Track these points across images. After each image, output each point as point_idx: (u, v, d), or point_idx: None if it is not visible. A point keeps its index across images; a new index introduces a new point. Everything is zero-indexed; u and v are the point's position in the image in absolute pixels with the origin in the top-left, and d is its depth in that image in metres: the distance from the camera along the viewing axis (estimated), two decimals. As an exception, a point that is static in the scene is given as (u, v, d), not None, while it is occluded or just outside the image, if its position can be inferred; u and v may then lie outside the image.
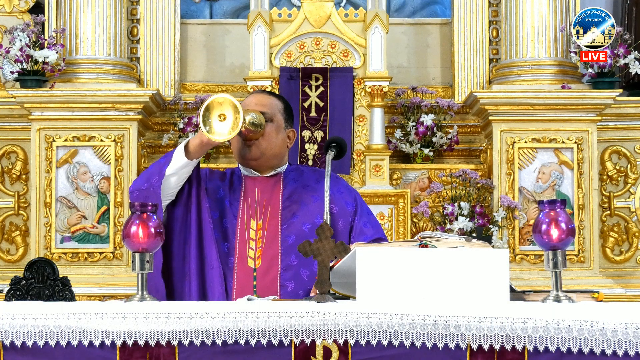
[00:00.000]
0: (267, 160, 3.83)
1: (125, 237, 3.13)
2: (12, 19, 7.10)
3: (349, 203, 3.86)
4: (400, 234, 6.56)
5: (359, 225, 3.84)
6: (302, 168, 4.03)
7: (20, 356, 2.76)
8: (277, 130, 3.82)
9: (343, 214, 3.83)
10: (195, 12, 7.68)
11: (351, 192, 3.94)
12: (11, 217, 6.94)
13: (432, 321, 2.74)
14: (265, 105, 3.82)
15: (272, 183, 3.86)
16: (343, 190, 3.90)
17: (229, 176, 3.91)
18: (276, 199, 3.82)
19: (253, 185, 3.84)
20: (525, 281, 6.46)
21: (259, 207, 3.80)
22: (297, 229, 3.75)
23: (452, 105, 7.00)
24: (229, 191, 3.85)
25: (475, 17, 7.20)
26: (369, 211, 3.94)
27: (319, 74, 6.75)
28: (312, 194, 3.83)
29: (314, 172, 3.98)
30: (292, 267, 3.71)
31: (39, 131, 6.65)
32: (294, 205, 3.80)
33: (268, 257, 3.72)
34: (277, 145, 3.84)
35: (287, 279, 3.68)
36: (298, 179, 3.88)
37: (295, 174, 3.91)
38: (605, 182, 7.00)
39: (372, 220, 3.91)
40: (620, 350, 2.68)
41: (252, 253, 3.72)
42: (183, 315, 2.76)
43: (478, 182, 6.67)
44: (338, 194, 3.86)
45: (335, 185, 3.88)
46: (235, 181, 3.89)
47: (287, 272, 3.69)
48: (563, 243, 3.03)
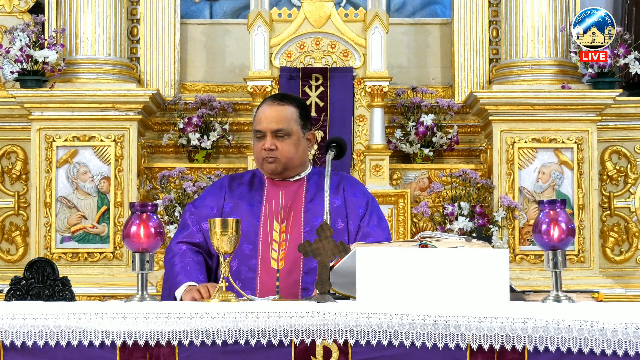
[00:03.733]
0: (289, 172, 3.86)
1: (125, 237, 3.13)
2: (12, 19, 7.10)
3: (360, 207, 3.88)
4: (400, 234, 6.56)
5: (366, 229, 3.86)
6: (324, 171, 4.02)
7: (20, 356, 2.76)
8: (297, 143, 3.82)
9: (353, 217, 3.85)
10: (195, 12, 7.68)
11: (366, 195, 3.95)
12: (11, 217, 6.94)
13: (432, 321, 2.74)
14: (280, 120, 3.79)
15: (295, 187, 3.87)
16: (358, 193, 3.92)
17: (248, 179, 3.92)
18: (299, 202, 3.83)
19: (277, 189, 3.86)
20: (525, 281, 6.46)
21: (282, 209, 3.81)
22: None
23: (452, 105, 7.00)
24: (248, 193, 3.86)
25: (475, 17, 7.20)
26: (378, 215, 3.94)
27: (319, 74, 6.75)
28: (333, 197, 3.84)
29: (336, 175, 3.98)
30: (313, 270, 3.70)
31: (39, 131, 6.65)
32: (316, 208, 3.81)
33: (291, 260, 3.73)
34: (299, 157, 3.85)
35: (308, 282, 3.68)
36: (321, 183, 3.88)
37: (317, 177, 3.92)
38: (605, 182, 7.00)
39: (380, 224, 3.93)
40: (620, 350, 2.68)
41: (275, 255, 3.74)
42: (183, 315, 2.76)
43: (478, 182, 6.67)
44: (353, 196, 3.88)
45: (352, 187, 3.92)
46: (257, 183, 3.90)
47: (309, 275, 3.70)
48: (563, 243, 3.04)
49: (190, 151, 6.95)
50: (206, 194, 3.92)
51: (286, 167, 3.82)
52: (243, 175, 3.98)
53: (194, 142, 6.88)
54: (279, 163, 3.79)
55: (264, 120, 3.79)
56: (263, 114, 3.81)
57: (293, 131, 3.80)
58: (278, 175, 3.84)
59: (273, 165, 3.79)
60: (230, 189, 3.88)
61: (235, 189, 3.88)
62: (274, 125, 3.77)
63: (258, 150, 3.81)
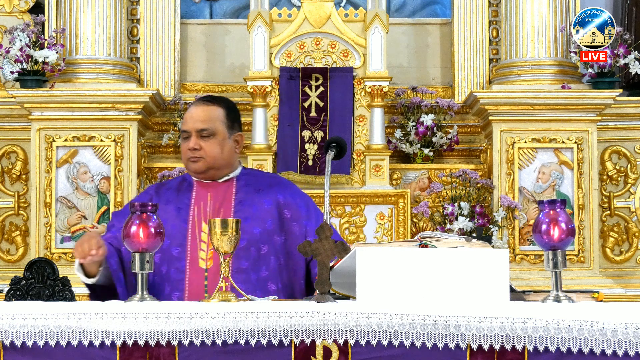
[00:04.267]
0: (215, 172, 3.84)
1: (125, 237, 3.13)
2: (12, 19, 7.10)
3: (302, 207, 3.88)
4: (400, 234, 6.56)
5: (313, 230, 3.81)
6: (257, 172, 4.06)
7: (20, 356, 2.76)
8: (222, 143, 3.81)
9: (297, 218, 3.85)
10: (195, 12, 7.68)
11: (303, 196, 3.95)
12: (11, 217, 6.94)
13: (432, 321, 2.74)
14: (204, 120, 3.79)
15: (224, 188, 3.86)
16: (295, 195, 3.92)
17: (177, 184, 3.91)
18: (228, 203, 3.83)
19: (205, 191, 3.85)
20: (525, 281, 6.46)
21: (211, 211, 3.80)
22: (249, 232, 3.73)
23: (452, 105, 7.00)
24: (176, 197, 3.85)
25: (475, 17, 7.20)
26: (321, 214, 3.94)
27: (319, 74, 6.75)
28: (264, 198, 3.84)
29: (268, 177, 4.01)
30: (242, 271, 3.71)
31: (39, 131, 6.65)
32: (246, 209, 3.80)
33: (218, 260, 3.67)
34: (224, 158, 3.83)
35: (238, 282, 3.62)
36: (251, 184, 3.88)
37: (248, 178, 3.91)
38: (605, 182, 7.00)
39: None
40: (620, 350, 2.68)
41: (204, 254, 3.73)
42: (183, 315, 2.76)
43: (478, 182, 6.68)
44: (290, 199, 3.88)
45: (287, 190, 3.91)
46: (185, 187, 3.89)
47: (238, 275, 3.68)
48: (563, 243, 3.04)
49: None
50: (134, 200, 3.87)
51: (210, 166, 3.81)
52: (171, 181, 3.98)
53: (194, 142, 6.87)
54: (202, 162, 3.78)
55: (190, 120, 3.80)
56: (189, 114, 3.83)
57: (218, 131, 3.79)
58: (203, 174, 3.83)
59: (197, 164, 3.79)
60: (157, 195, 3.87)
61: (162, 195, 3.87)
62: (199, 124, 3.77)
63: (184, 151, 3.81)
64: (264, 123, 6.67)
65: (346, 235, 6.57)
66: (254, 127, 6.67)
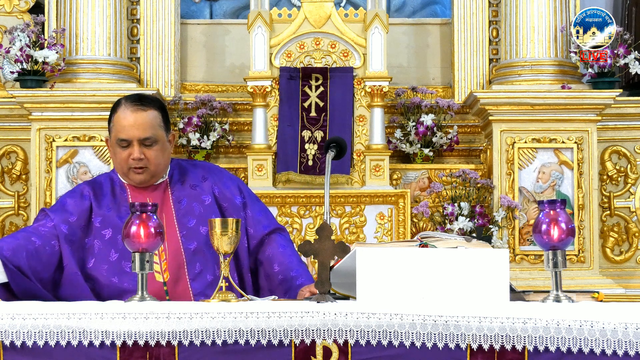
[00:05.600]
0: (155, 179, 3.71)
1: (125, 237, 3.13)
2: (12, 19, 7.10)
3: (236, 196, 3.76)
4: (400, 234, 6.56)
5: (252, 215, 3.73)
6: (184, 165, 3.85)
7: (20, 356, 2.76)
8: (163, 149, 3.66)
9: (233, 209, 3.73)
10: (195, 12, 7.68)
11: (234, 181, 3.81)
12: (11, 217, 6.94)
13: (432, 321, 2.74)
14: (146, 127, 3.60)
15: (160, 191, 3.72)
16: (228, 184, 3.78)
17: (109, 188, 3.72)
18: (168, 206, 3.69)
19: (141, 195, 3.69)
20: (525, 281, 6.46)
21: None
22: (196, 233, 3.65)
23: (452, 105, 7.00)
24: (113, 204, 3.67)
25: (475, 17, 7.20)
26: (256, 198, 3.82)
27: (319, 74, 6.75)
28: (202, 195, 3.73)
29: (196, 169, 3.82)
30: (199, 276, 3.62)
31: (39, 131, 6.65)
32: (186, 209, 3.69)
33: (174, 268, 3.61)
34: (165, 163, 3.70)
35: (198, 288, 3.59)
36: (183, 180, 3.75)
37: (178, 174, 3.77)
38: (605, 182, 7.00)
39: (264, 208, 3.81)
40: (620, 350, 2.68)
41: (158, 267, 3.59)
42: (183, 315, 2.76)
43: (478, 182, 6.68)
44: (224, 189, 3.75)
45: (219, 181, 3.77)
46: (118, 191, 3.71)
47: (196, 282, 3.61)
48: (563, 243, 3.03)
49: (190, 151, 6.95)
50: (66, 198, 3.70)
51: (154, 175, 3.67)
52: (101, 182, 3.75)
53: (194, 142, 6.88)
54: (147, 173, 3.64)
55: (129, 127, 3.59)
56: (126, 120, 3.61)
57: (159, 137, 3.63)
58: (145, 184, 3.68)
59: (142, 175, 3.64)
60: (96, 199, 3.68)
61: (101, 200, 3.68)
62: (141, 133, 3.59)
63: (123, 159, 3.62)
64: (264, 123, 6.67)
65: (346, 235, 6.57)
66: (254, 127, 6.67)
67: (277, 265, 3.73)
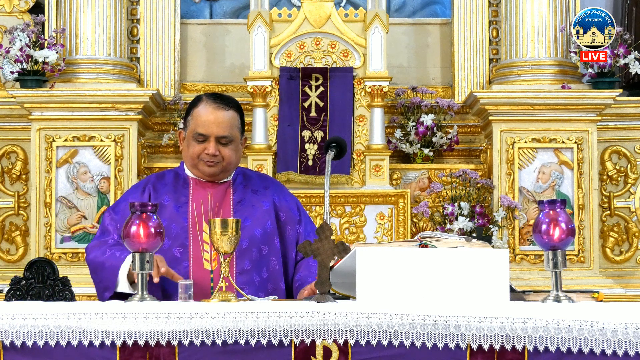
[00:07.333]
0: (224, 175, 3.85)
1: (125, 237, 3.13)
2: (12, 19, 7.10)
3: (294, 210, 3.90)
4: (400, 234, 6.56)
5: (305, 234, 3.86)
6: (249, 172, 4.02)
7: (20, 356, 2.76)
8: (237, 149, 3.81)
9: (290, 222, 3.86)
10: (195, 12, 7.68)
11: (293, 198, 3.96)
12: (11, 217, 6.94)
13: (432, 321, 2.74)
14: (226, 126, 3.75)
15: (223, 188, 3.85)
16: (288, 198, 3.93)
17: (172, 179, 3.87)
18: (227, 204, 3.81)
19: (203, 190, 3.82)
20: (525, 281, 6.46)
21: (211, 210, 3.78)
22: (250, 233, 3.74)
23: (452, 105, 7.00)
24: (173, 193, 3.81)
25: (475, 17, 7.20)
26: (310, 220, 3.98)
27: (319, 74, 6.75)
28: (262, 200, 3.84)
29: (261, 178, 3.99)
30: (246, 272, 3.71)
31: (39, 131, 6.65)
32: (245, 210, 3.80)
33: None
34: (236, 162, 3.85)
35: (242, 282, 3.66)
36: (246, 184, 3.88)
37: (242, 178, 3.91)
38: (605, 182, 7.00)
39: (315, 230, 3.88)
40: (620, 350, 2.68)
41: (208, 256, 3.71)
42: (183, 315, 2.76)
43: (478, 182, 6.68)
44: (284, 202, 3.89)
45: (280, 193, 3.92)
46: (181, 183, 3.85)
47: (242, 276, 3.69)
48: (563, 243, 3.04)
49: (190, 151, 6.94)
50: (127, 196, 3.85)
51: (224, 170, 3.80)
52: (165, 174, 3.92)
53: (194, 142, 6.88)
54: (219, 166, 3.78)
55: (209, 124, 3.73)
56: (207, 116, 3.75)
57: (235, 138, 3.78)
58: (213, 177, 3.81)
59: (213, 168, 3.77)
60: (155, 189, 3.83)
61: (160, 189, 3.83)
62: (220, 131, 3.74)
63: (197, 152, 3.76)
64: (264, 123, 6.67)
65: (346, 235, 6.57)
66: (254, 127, 6.67)
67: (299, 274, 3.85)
